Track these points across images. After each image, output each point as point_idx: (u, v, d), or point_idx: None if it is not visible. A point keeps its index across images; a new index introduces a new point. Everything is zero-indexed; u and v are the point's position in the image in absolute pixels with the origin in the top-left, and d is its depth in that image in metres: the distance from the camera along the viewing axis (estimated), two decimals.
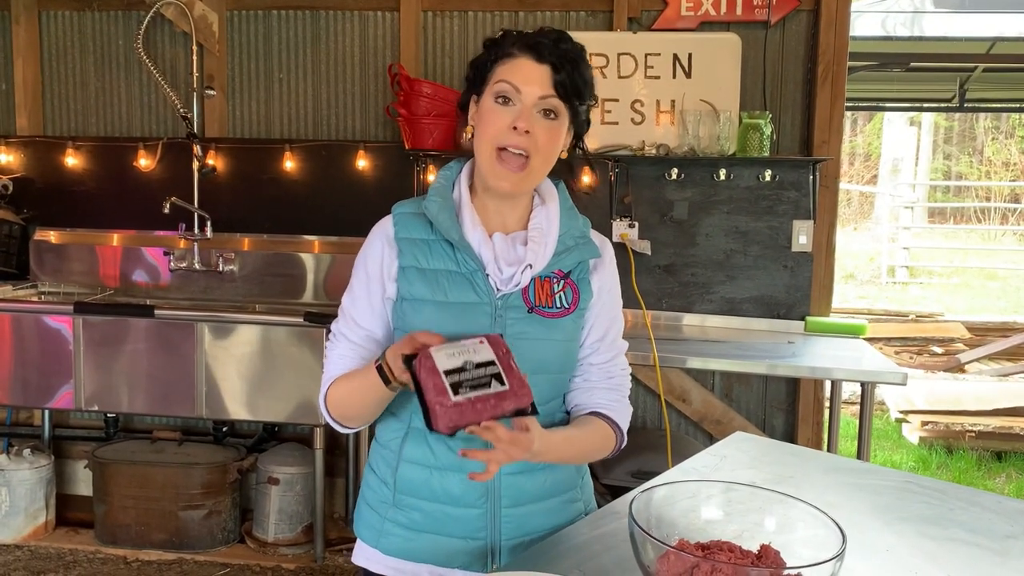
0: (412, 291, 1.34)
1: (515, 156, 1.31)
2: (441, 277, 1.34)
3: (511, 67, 1.31)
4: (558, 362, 1.40)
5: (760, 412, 3.53)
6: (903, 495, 1.53)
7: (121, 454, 3.33)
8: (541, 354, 1.36)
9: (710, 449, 1.74)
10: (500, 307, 1.34)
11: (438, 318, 1.32)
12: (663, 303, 3.48)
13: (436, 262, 1.35)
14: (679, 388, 3.48)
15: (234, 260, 3.59)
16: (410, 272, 1.35)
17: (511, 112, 1.31)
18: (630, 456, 3.10)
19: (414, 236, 1.37)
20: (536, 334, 1.36)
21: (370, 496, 1.44)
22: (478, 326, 1.33)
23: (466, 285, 1.34)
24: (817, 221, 3.37)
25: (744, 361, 2.87)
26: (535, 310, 1.36)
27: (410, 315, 1.34)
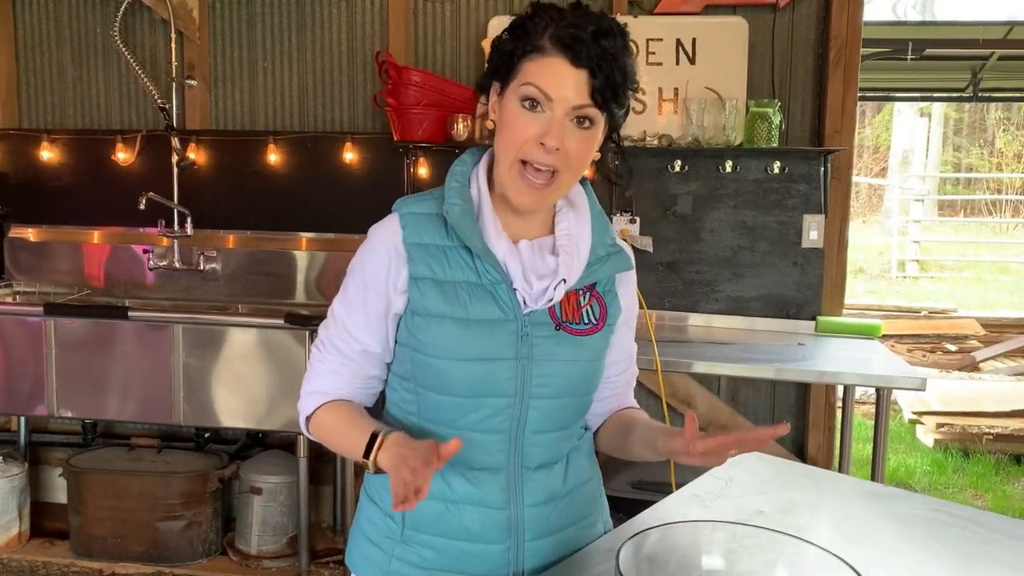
0: (427, 305, 1.18)
1: (541, 172, 1.14)
2: (460, 290, 1.18)
3: (542, 68, 1.11)
4: (585, 383, 1.26)
5: (769, 417, 3.36)
6: (933, 527, 1.36)
7: (97, 462, 3.17)
8: (568, 376, 1.22)
9: (717, 469, 1.57)
10: (526, 324, 1.18)
11: (458, 336, 1.17)
12: (666, 302, 3.30)
13: (455, 272, 1.18)
14: (683, 392, 3.31)
15: (216, 258, 3.42)
16: (424, 284, 1.18)
17: (539, 122, 1.12)
18: (631, 465, 2.94)
19: (427, 241, 1.19)
20: (564, 354, 1.21)
21: (371, 530, 1.29)
22: (502, 345, 1.17)
23: (488, 299, 1.18)
24: (828, 215, 3.19)
25: (751, 365, 2.69)
26: (563, 327, 1.20)
27: (424, 332, 1.18)
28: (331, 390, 1.25)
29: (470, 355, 1.17)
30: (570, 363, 1.22)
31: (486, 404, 1.19)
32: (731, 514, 1.37)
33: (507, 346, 1.18)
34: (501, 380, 1.18)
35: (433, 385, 1.20)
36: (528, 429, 1.21)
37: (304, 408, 1.27)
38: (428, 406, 1.21)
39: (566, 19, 1.11)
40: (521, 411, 1.20)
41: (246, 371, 2.92)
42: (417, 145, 3.19)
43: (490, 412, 1.19)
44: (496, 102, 1.19)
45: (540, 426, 1.22)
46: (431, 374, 1.19)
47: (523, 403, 1.20)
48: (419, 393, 1.22)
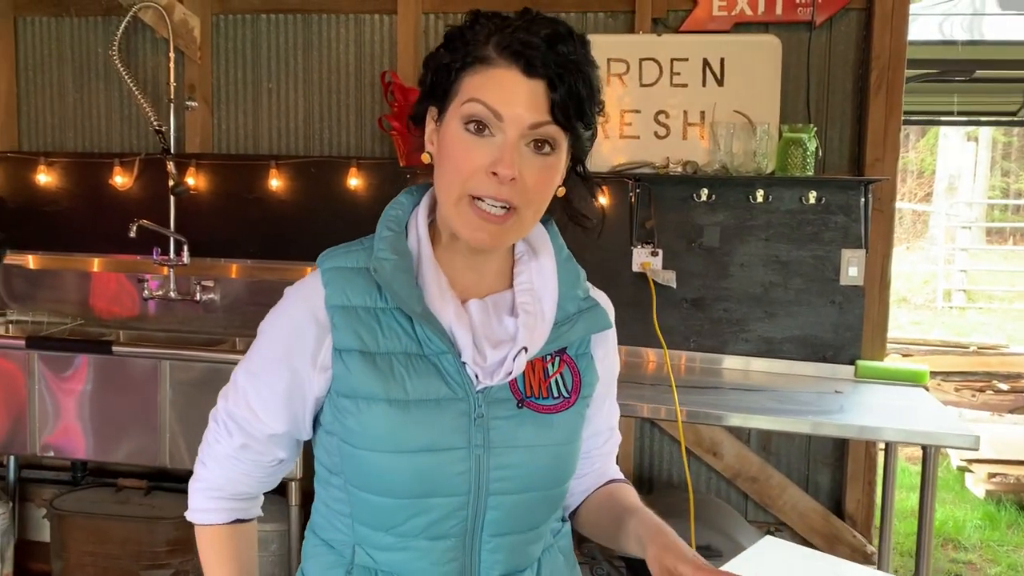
0: (355, 384, 0.96)
1: (494, 210, 0.93)
2: (397, 363, 0.96)
3: (487, 80, 0.92)
4: (557, 472, 1.03)
5: (803, 468, 3.08)
6: None
7: (80, 504, 3.00)
8: (535, 465, 0.99)
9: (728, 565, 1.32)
10: (480, 403, 0.96)
11: (395, 422, 0.94)
12: (690, 342, 3.05)
13: (388, 341, 0.97)
14: (708, 440, 3.05)
15: (214, 288, 3.25)
16: (351, 357, 0.96)
17: (488, 148, 0.92)
18: None
19: (354, 303, 0.97)
20: (529, 438, 0.98)
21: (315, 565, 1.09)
22: (450, 431, 0.95)
23: (432, 374, 0.96)
24: (869, 250, 2.93)
25: (783, 418, 2.43)
26: (526, 403, 0.98)
27: (353, 417, 0.96)
28: (227, 484, 1.06)
29: (410, 445, 0.95)
30: (537, 449, 0.99)
31: (433, 505, 0.96)
32: None
33: (456, 432, 0.95)
34: (450, 475, 0.95)
35: (366, 484, 0.97)
36: (486, 532, 0.98)
37: (195, 507, 1.10)
38: (362, 508, 0.99)
39: (512, 24, 0.92)
40: (477, 511, 0.97)
41: None
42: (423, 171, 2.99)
43: (439, 515, 0.97)
44: (434, 131, 0.98)
45: (501, 528, 0.99)
46: (363, 470, 0.97)
47: (479, 502, 0.97)
48: (350, 492, 0.99)
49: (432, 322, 0.96)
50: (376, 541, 0.99)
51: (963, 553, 3.84)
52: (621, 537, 1.04)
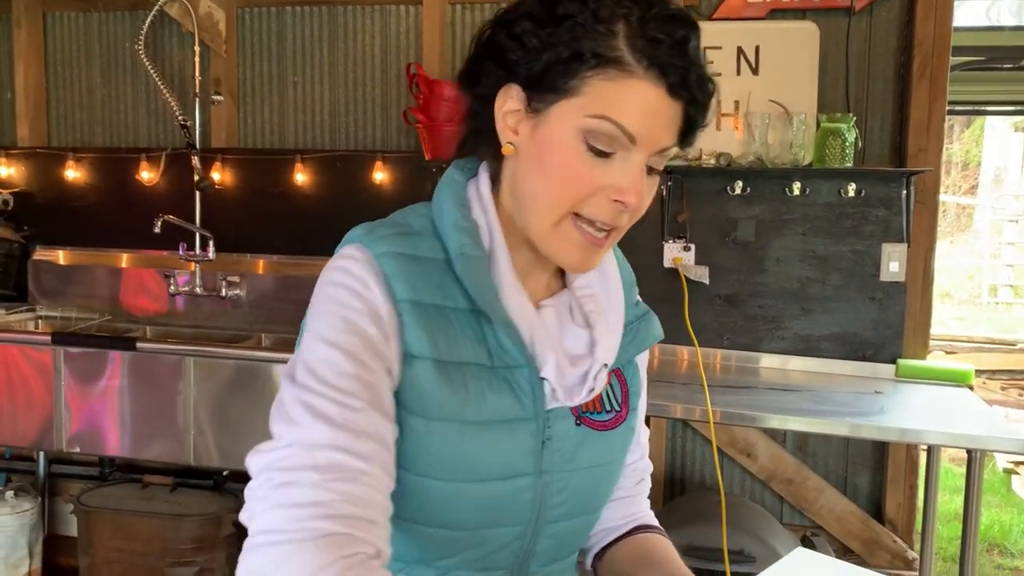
0: (425, 400, 0.80)
1: (600, 232, 0.82)
2: (470, 376, 0.82)
3: (625, 95, 0.76)
4: (605, 493, 0.94)
5: (841, 470, 2.97)
6: None
7: (106, 500, 2.99)
8: (590, 486, 0.90)
9: None
10: (548, 423, 0.86)
11: (469, 446, 0.82)
12: (724, 340, 2.96)
13: (462, 349, 0.83)
14: (743, 441, 2.96)
15: (240, 284, 3.22)
16: (423, 366, 0.81)
17: (610, 169, 0.79)
18: (681, 526, 2.60)
19: (424, 299, 0.82)
20: (588, 459, 0.89)
21: None
22: (520, 455, 0.84)
23: (504, 390, 0.84)
24: (912, 244, 2.81)
25: (821, 419, 2.33)
26: (583, 419, 0.89)
27: (418, 439, 0.81)
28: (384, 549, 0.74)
29: (482, 473, 0.83)
30: (593, 470, 0.90)
31: (490, 537, 0.86)
32: None
33: (526, 456, 0.85)
34: (517, 504, 0.85)
35: (421, 514, 0.84)
36: (535, 562, 0.90)
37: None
38: (408, 541, 0.86)
39: (643, 13, 0.77)
40: (532, 541, 0.88)
41: (263, 407, 2.69)
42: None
43: (494, 546, 0.87)
44: (522, 120, 0.82)
45: (550, 556, 0.91)
46: (420, 499, 0.83)
47: (536, 530, 0.88)
48: (398, 524, 0.83)
49: (512, 331, 0.83)
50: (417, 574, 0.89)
51: (1009, 559, 3.70)
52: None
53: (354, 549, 0.68)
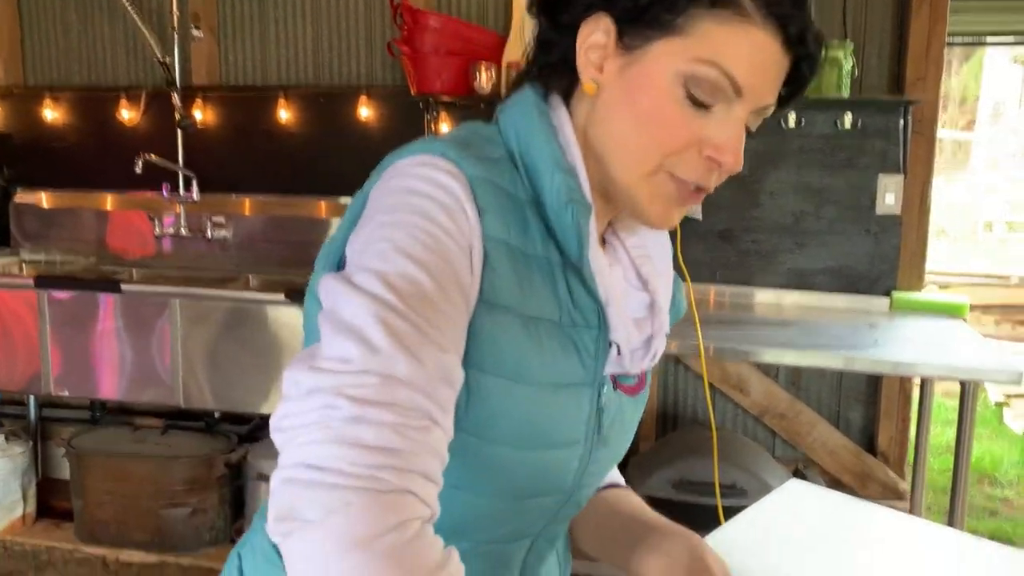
0: (505, 357, 0.71)
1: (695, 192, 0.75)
2: (544, 335, 0.73)
3: (741, 43, 0.69)
4: (620, 458, 0.91)
5: (834, 404, 2.97)
6: None
7: (98, 443, 2.98)
8: (618, 452, 0.87)
9: (749, 512, 1.23)
10: (602, 390, 0.80)
11: (541, 411, 0.74)
12: (716, 275, 2.93)
13: (539, 303, 0.73)
14: (735, 376, 2.95)
15: (226, 225, 3.17)
16: (507, 318, 0.71)
17: (708, 122, 0.71)
18: (672, 462, 2.60)
19: (512, 241, 0.72)
20: (623, 424, 0.84)
21: None
22: (580, 422, 0.78)
23: (571, 350, 0.76)
24: (908, 176, 2.76)
25: (814, 352, 2.31)
26: (618, 385, 0.83)
27: (488, 402, 0.71)
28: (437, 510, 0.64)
29: (546, 441, 0.75)
30: (624, 435, 0.85)
31: (533, 507, 0.80)
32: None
33: (583, 423, 0.78)
34: (565, 472, 0.79)
35: (472, 483, 0.75)
36: (553, 524, 0.85)
37: None
38: (456, 511, 0.75)
39: None
40: (563, 508, 0.84)
41: (253, 348, 2.66)
42: (437, 99, 2.86)
43: (532, 517, 0.81)
44: (611, 55, 0.73)
45: (564, 518, 0.87)
46: (477, 467, 0.74)
47: (568, 500, 0.83)
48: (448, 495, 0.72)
49: (592, 287, 0.75)
50: None
51: (999, 489, 3.74)
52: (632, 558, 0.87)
53: (416, 512, 0.58)
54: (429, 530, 0.59)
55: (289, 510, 0.57)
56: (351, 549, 0.55)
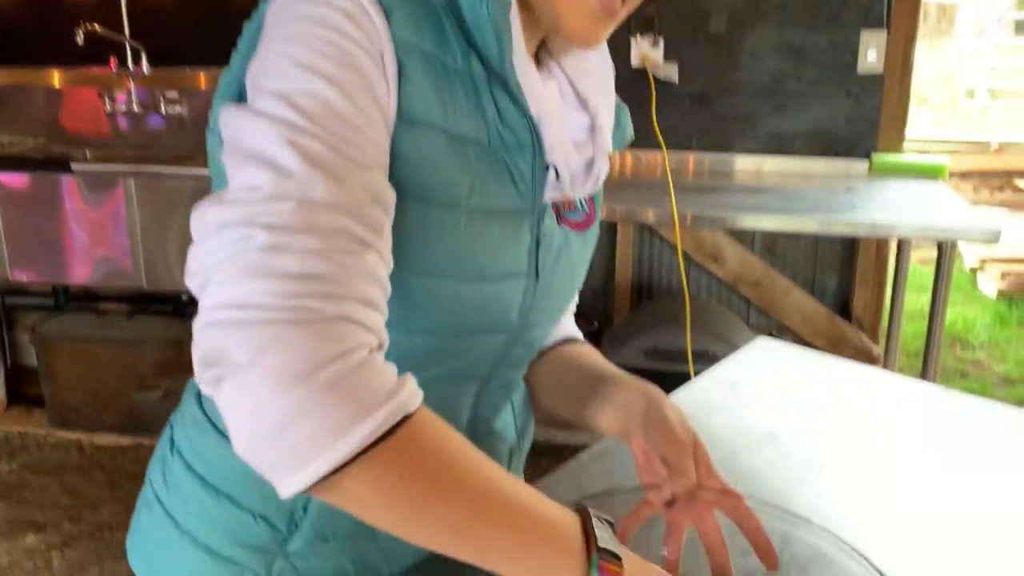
0: (427, 177, 0.64)
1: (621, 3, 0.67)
2: (472, 157, 0.66)
3: None
4: (573, 298, 0.86)
5: (809, 271, 2.95)
6: None
7: (63, 329, 2.93)
8: (565, 295, 0.81)
9: (717, 370, 1.19)
10: (542, 219, 0.73)
11: (470, 239, 0.67)
12: (693, 141, 2.83)
13: (464, 120, 0.65)
14: (710, 245, 2.90)
15: (180, 101, 3.02)
16: (428, 135, 0.64)
17: None
18: (646, 331, 2.59)
19: (428, 48, 0.63)
20: (569, 259, 0.78)
21: (205, 530, 0.76)
22: (518, 252, 0.72)
23: (502, 173, 0.68)
24: (891, 32, 2.64)
25: (790, 216, 2.26)
26: (563, 218, 0.76)
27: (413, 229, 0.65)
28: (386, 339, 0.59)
29: (481, 272, 0.69)
30: (573, 272, 0.80)
31: (475, 346, 0.75)
32: (724, 440, 1.01)
33: (522, 254, 0.72)
34: (506, 308, 0.73)
35: (406, 320, 0.69)
36: (503, 367, 0.80)
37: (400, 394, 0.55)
38: None
39: None
40: (507, 351, 0.78)
41: None
42: None
43: (475, 357, 0.76)
44: None
45: (515, 361, 0.81)
46: (408, 303, 0.68)
47: (514, 337, 0.77)
48: None
49: (523, 105, 0.67)
50: None
51: (970, 352, 3.79)
52: (588, 409, 0.82)
53: (358, 340, 0.53)
54: (377, 359, 0.55)
55: (215, 355, 0.52)
56: (287, 387, 0.50)
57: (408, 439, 0.53)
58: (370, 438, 0.51)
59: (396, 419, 0.52)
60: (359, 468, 0.51)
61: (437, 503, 0.54)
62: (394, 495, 0.53)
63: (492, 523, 0.55)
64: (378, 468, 0.52)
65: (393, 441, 0.52)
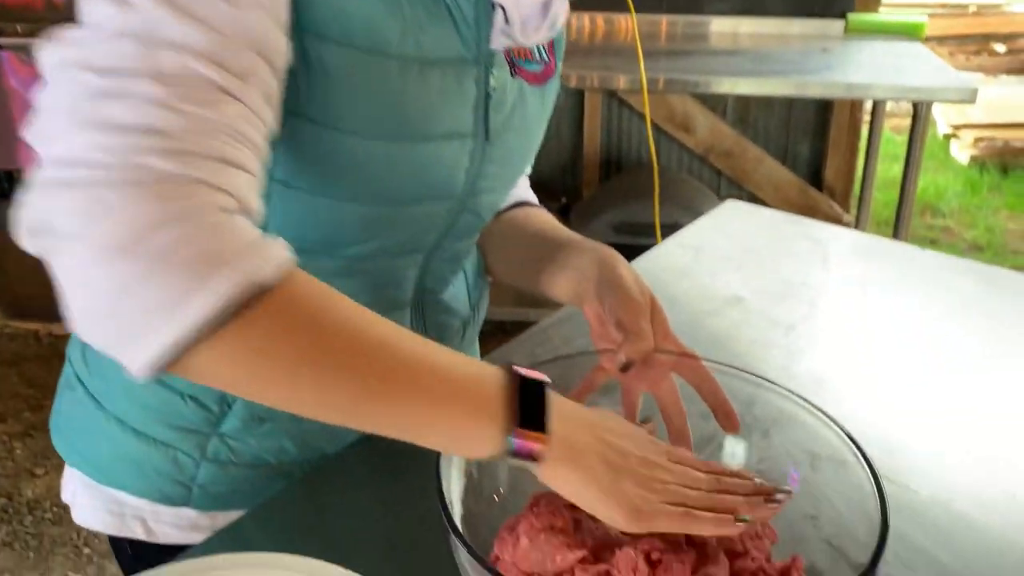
0: (350, 24, 0.56)
1: None
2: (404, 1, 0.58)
3: None
4: (529, 160, 0.77)
5: (782, 139, 2.87)
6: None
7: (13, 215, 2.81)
8: (521, 154, 0.73)
9: (682, 234, 1.14)
10: (491, 69, 0.65)
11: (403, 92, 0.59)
12: (663, 4, 2.69)
13: None
14: (680, 114, 2.80)
15: None
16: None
17: None
18: (614, 206, 2.53)
19: None
20: (525, 116, 0.70)
21: (130, 414, 0.71)
22: (463, 107, 0.64)
23: (444, 18, 0.61)
24: None
25: (763, 79, 2.16)
26: (518, 69, 0.68)
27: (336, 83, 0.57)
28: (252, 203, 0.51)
29: (421, 130, 0.62)
30: (529, 131, 0.72)
31: (418, 215, 0.68)
32: (689, 304, 0.96)
33: (467, 109, 0.64)
34: (454, 172, 0.66)
35: (338, 187, 0.62)
36: (449, 238, 0.73)
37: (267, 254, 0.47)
38: (312, 223, 0.64)
39: None
40: (453, 221, 0.71)
41: None
42: None
43: (419, 227, 0.69)
44: None
45: (464, 231, 0.74)
46: (340, 166, 0.61)
47: (462, 205, 0.70)
48: (296, 198, 0.63)
49: None
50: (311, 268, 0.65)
51: (941, 219, 3.78)
52: (542, 276, 0.76)
53: (208, 201, 0.45)
54: (234, 221, 0.47)
55: (40, 223, 0.45)
56: (115, 258, 0.43)
57: (269, 310, 0.46)
58: (213, 310, 0.44)
59: (247, 286, 0.45)
60: (208, 344, 0.44)
61: (307, 378, 0.47)
62: (255, 370, 0.46)
63: (389, 389, 0.48)
64: (229, 343, 0.45)
65: (247, 313, 0.45)
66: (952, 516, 0.66)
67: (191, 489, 0.72)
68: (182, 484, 0.72)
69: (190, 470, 0.71)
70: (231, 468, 0.72)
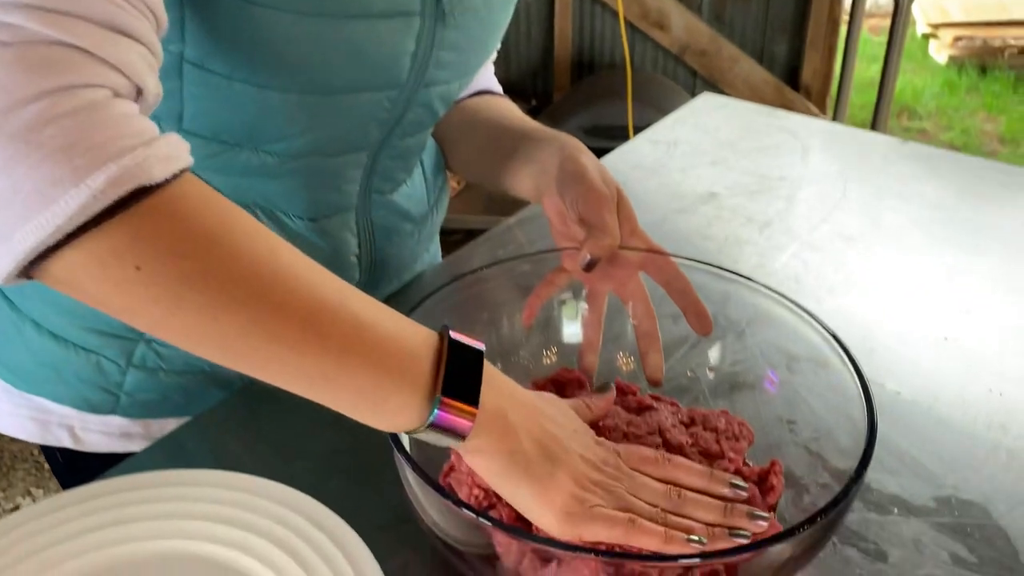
0: None
1: None
2: None
3: None
4: (491, 49, 0.69)
5: (758, 37, 2.77)
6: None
7: None
8: (483, 38, 0.65)
9: (654, 129, 1.07)
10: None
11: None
12: None
13: None
14: (655, 12, 2.69)
15: None
16: None
17: None
18: (586, 107, 2.44)
19: None
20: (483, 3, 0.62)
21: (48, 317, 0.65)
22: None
23: None
24: None
25: None
26: None
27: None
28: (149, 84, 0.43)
29: (354, 3, 0.53)
30: (490, 15, 0.63)
31: (357, 106, 0.60)
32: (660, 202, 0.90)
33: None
34: (398, 57, 0.58)
35: (261, 71, 0.55)
36: (396, 135, 0.66)
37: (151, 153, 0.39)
38: (232, 112, 0.57)
39: None
40: (401, 114, 0.63)
41: None
42: None
43: (358, 120, 0.61)
44: None
45: (415, 127, 0.67)
46: (263, 47, 0.53)
47: (410, 99, 0.62)
48: (213, 83, 0.55)
49: None
50: (233, 163, 0.60)
51: (917, 121, 3.72)
52: (502, 169, 0.70)
53: (86, 76, 0.38)
54: (119, 106, 0.39)
55: None
56: None
57: (152, 215, 0.37)
58: (82, 209, 0.35)
59: (128, 184, 0.36)
60: (73, 251, 0.36)
61: (190, 303, 0.38)
62: (127, 286, 0.37)
63: (292, 331, 0.39)
64: (97, 251, 0.37)
65: (125, 217, 0.37)
66: (935, 418, 0.62)
67: (118, 397, 0.67)
68: (107, 391, 0.66)
69: (115, 377, 0.66)
70: (161, 375, 0.66)
